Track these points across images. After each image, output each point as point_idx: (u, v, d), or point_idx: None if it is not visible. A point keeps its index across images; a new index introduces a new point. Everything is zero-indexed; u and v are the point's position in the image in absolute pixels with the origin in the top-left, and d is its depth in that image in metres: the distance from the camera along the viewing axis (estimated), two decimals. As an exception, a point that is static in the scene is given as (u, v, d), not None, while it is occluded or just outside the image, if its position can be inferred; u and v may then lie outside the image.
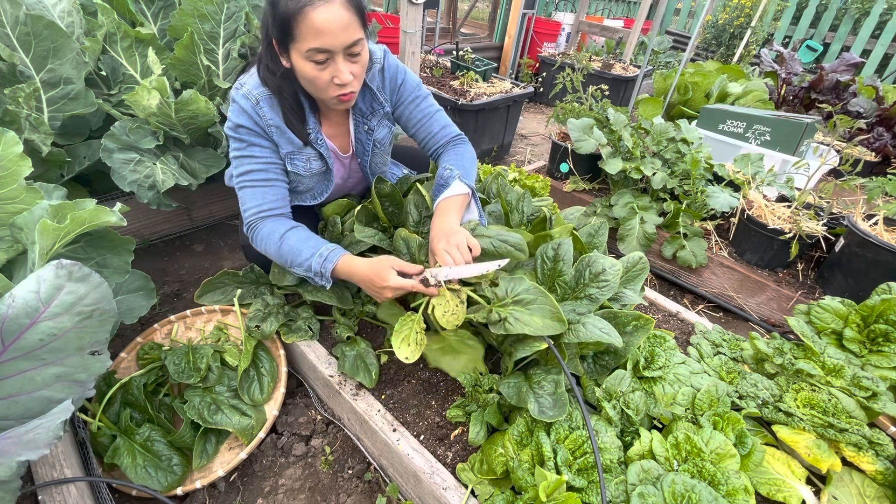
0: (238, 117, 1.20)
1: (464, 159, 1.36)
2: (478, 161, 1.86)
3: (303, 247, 1.21)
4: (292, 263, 1.23)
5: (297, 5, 0.99)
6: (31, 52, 1.56)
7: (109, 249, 1.26)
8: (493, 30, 5.44)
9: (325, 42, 1.02)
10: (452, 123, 1.45)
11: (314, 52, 1.04)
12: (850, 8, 5.71)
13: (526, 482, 0.99)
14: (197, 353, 1.34)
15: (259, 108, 1.18)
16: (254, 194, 1.24)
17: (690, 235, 2.16)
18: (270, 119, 1.20)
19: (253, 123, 1.20)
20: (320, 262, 1.20)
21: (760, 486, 1.10)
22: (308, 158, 1.31)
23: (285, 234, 1.23)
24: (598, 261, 1.20)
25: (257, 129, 1.21)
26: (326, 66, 1.07)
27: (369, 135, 1.38)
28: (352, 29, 1.04)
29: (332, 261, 1.20)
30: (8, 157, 1.09)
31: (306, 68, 1.07)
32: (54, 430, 0.80)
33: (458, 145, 1.42)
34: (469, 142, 1.46)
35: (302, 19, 0.99)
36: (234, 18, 1.89)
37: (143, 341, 1.44)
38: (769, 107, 3.32)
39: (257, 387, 1.34)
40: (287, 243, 1.22)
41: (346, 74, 1.09)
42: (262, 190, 1.24)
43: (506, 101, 3.17)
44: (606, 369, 1.24)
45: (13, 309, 0.86)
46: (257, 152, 1.23)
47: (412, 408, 1.29)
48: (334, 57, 1.06)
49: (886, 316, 1.40)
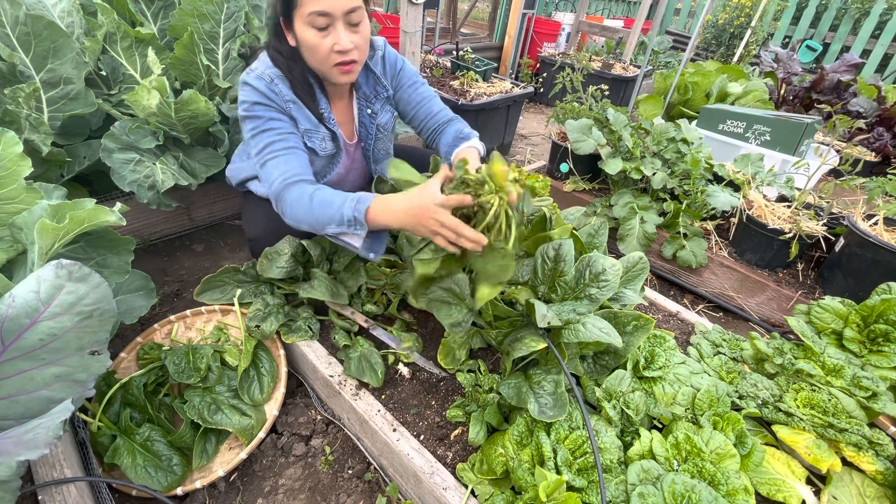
0: (252, 96, 1.21)
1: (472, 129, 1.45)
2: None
3: (334, 197, 1.14)
4: (324, 218, 1.13)
5: None
6: (31, 52, 1.56)
7: (109, 249, 1.26)
8: (493, 30, 5.44)
9: (326, 5, 1.06)
10: (447, 108, 1.52)
11: (315, 16, 1.08)
12: (850, 8, 5.71)
13: (526, 482, 0.99)
14: (197, 352, 1.34)
15: (274, 86, 1.21)
16: (277, 164, 1.20)
17: (690, 235, 2.16)
18: (287, 95, 1.23)
19: (269, 100, 1.22)
20: (352, 205, 1.10)
21: (760, 486, 1.10)
22: (324, 138, 1.34)
23: (315, 191, 1.16)
24: (599, 261, 1.20)
25: (274, 105, 1.23)
26: (328, 32, 1.11)
27: (373, 119, 1.43)
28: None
29: (366, 202, 1.09)
30: (8, 157, 1.09)
31: (308, 35, 1.11)
32: (54, 430, 0.80)
33: (459, 121, 1.50)
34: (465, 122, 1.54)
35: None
36: (234, 18, 1.89)
37: (143, 341, 1.44)
38: (769, 107, 3.32)
39: (257, 387, 1.34)
40: (318, 196, 1.15)
41: (345, 41, 1.12)
42: (285, 158, 1.21)
43: (506, 101, 3.17)
44: (606, 369, 1.24)
45: (13, 309, 0.86)
46: (275, 125, 1.22)
47: (412, 408, 1.29)
48: (335, 23, 1.10)
49: (886, 316, 1.40)
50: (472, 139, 1.38)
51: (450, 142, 1.41)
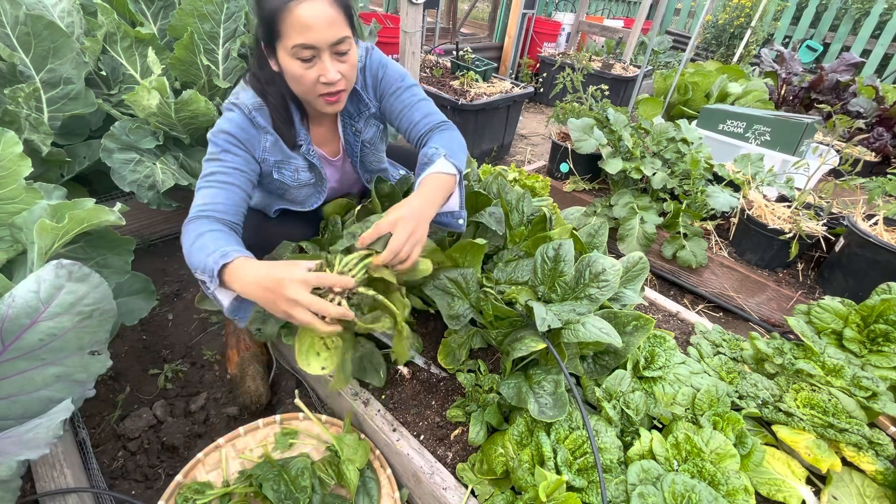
0: (224, 124, 1.17)
1: (451, 142, 1.22)
2: (476, 161, 1.85)
3: (213, 245, 0.98)
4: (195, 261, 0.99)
5: (281, 1, 0.99)
6: (31, 52, 1.56)
7: (109, 249, 1.26)
8: (493, 30, 5.44)
9: (310, 38, 1.02)
10: (439, 112, 1.32)
11: (300, 49, 1.03)
12: (850, 8, 5.71)
13: (526, 482, 0.99)
14: (290, 470, 1.09)
15: (253, 118, 1.18)
16: (203, 194, 1.10)
17: (690, 235, 2.16)
18: (265, 126, 1.19)
19: (240, 132, 1.16)
20: (217, 257, 0.94)
21: (760, 486, 1.10)
22: (296, 168, 1.29)
23: (207, 231, 1.02)
24: (598, 261, 1.20)
25: (240, 140, 1.17)
26: (313, 63, 1.07)
27: (357, 136, 1.37)
28: (337, 26, 1.03)
29: (228, 258, 0.94)
30: (8, 157, 1.09)
31: (293, 66, 1.07)
32: (54, 430, 0.80)
33: (443, 130, 1.28)
34: (457, 129, 1.33)
35: (287, 15, 0.99)
36: (234, 18, 1.89)
37: (185, 481, 1.12)
38: (769, 107, 3.32)
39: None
40: (204, 238, 1.00)
41: (332, 73, 1.07)
42: (214, 190, 1.11)
43: (506, 101, 3.17)
44: (606, 369, 1.24)
45: (13, 309, 0.86)
46: (228, 158, 1.16)
47: (412, 408, 1.29)
48: (320, 54, 1.05)
49: (886, 316, 1.40)
50: (436, 162, 1.12)
51: (418, 169, 1.19)
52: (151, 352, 1.66)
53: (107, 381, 1.52)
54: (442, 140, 1.23)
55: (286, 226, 1.45)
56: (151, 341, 1.69)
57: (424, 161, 1.16)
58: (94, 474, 1.14)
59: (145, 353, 1.65)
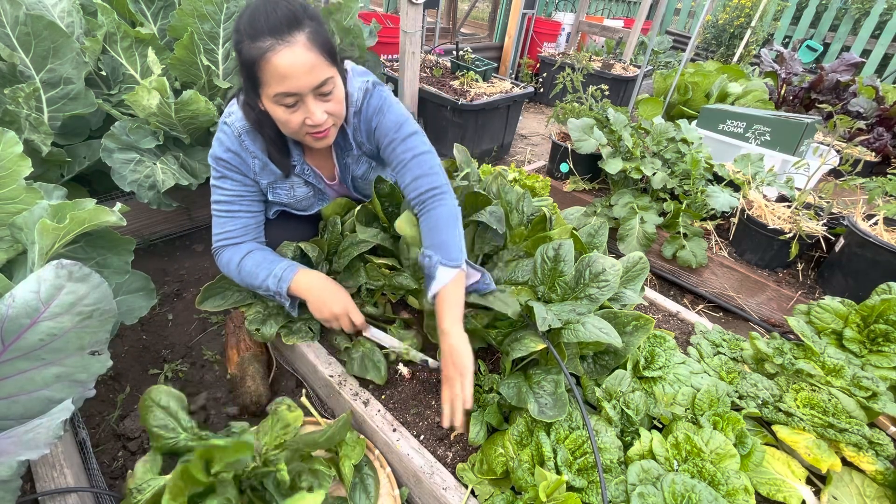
0: (218, 149, 1.21)
1: (439, 231, 1.18)
2: (476, 161, 1.85)
3: (259, 270, 1.25)
4: (253, 287, 1.28)
5: (259, 52, 0.97)
6: (31, 52, 1.56)
7: (109, 249, 1.26)
8: (493, 30, 5.44)
9: (291, 86, 1.00)
10: (428, 173, 1.23)
11: (281, 97, 1.03)
12: (850, 8, 5.71)
13: (526, 482, 0.99)
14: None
15: (242, 141, 1.20)
16: (219, 223, 1.29)
17: (690, 235, 2.16)
18: (253, 151, 1.22)
19: (231, 156, 1.21)
20: (275, 283, 1.24)
21: (760, 486, 1.10)
22: (291, 186, 1.35)
23: (241, 261, 1.27)
24: (598, 261, 1.20)
25: (233, 164, 1.23)
26: (297, 108, 1.05)
27: (347, 169, 1.39)
28: (318, 70, 1.01)
29: (287, 280, 1.24)
30: (8, 157, 1.08)
31: (277, 112, 1.07)
32: (54, 430, 0.80)
33: (430, 210, 1.22)
34: (446, 195, 1.23)
35: (265, 65, 0.98)
36: (234, 18, 1.89)
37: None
38: (769, 107, 3.32)
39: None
40: (245, 269, 1.26)
41: (317, 115, 1.06)
42: (223, 220, 1.28)
43: (506, 101, 3.17)
44: (606, 369, 1.24)
45: (13, 309, 0.86)
46: (228, 185, 1.25)
47: (412, 408, 1.29)
48: (303, 98, 1.04)
49: (886, 316, 1.40)
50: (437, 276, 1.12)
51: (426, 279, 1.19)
52: (151, 352, 1.66)
53: (107, 381, 1.52)
54: (430, 234, 1.19)
55: (286, 226, 1.46)
56: (151, 341, 1.69)
57: (426, 273, 1.18)
58: (94, 474, 1.14)
59: (145, 353, 1.65)
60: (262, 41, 0.97)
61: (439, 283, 1.12)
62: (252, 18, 0.98)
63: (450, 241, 1.17)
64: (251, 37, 0.98)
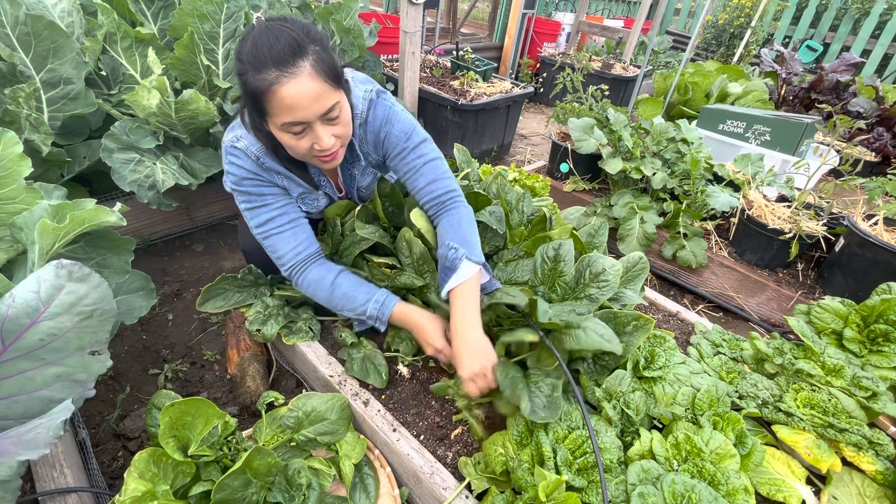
0: (239, 172, 1.19)
1: (461, 230, 1.22)
2: (476, 161, 1.85)
3: (356, 293, 1.26)
4: (343, 308, 1.27)
5: (264, 84, 0.96)
6: (31, 52, 1.56)
7: (109, 249, 1.26)
8: (493, 30, 5.44)
9: (298, 116, 1.00)
10: (443, 177, 1.27)
11: (289, 126, 1.03)
12: (850, 8, 5.71)
13: (526, 482, 0.99)
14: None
15: (262, 163, 1.19)
16: (283, 239, 1.25)
17: (690, 235, 2.16)
18: (277, 169, 1.22)
19: (256, 176, 1.20)
20: (377, 307, 1.24)
21: (760, 486, 1.10)
22: (317, 198, 1.37)
23: (335, 280, 1.26)
24: (598, 261, 1.20)
25: (263, 179, 1.21)
26: (304, 134, 1.05)
27: (352, 180, 1.41)
28: (324, 97, 1.01)
29: (389, 307, 1.25)
30: (8, 157, 1.08)
31: (285, 138, 1.07)
32: (54, 430, 0.80)
33: (450, 210, 1.26)
34: (462, 199, 1.29)
35: (271, 97, 0.98)
36: (234, 18, 1.89)
37: None
38: (769, 107, 3.32)
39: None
40: (340, 290, 1.26)
41: (326, 140, 1.06)
42: (291, 232, 1.25)
43: (506, 101, 3.17)
44: (606, 369, 1.24)
45: (13, 309, 0.86)
46: (270, 200, 1.23)
47: (412, 408, 1.29)
48: (311, 125, 1.04)
49: (886, 316, 1.40)
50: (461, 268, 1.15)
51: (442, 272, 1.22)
52: (151, 352, 1.66)
53: (107, 381, 1.52)
54: (452, 230, 1.23)
55: None
56: (151, 341, 1.69)
57: (447, 265, 1.19)
58: (94, 474, 1.14)
59: (145, 352, 1.65)
60: (266, 73, 0.95)
61: (461, 277, 1.15)
62: (255, 48, 0.96)
63: (473, 241, 1.22)
64: (255, 67, 0.96)
